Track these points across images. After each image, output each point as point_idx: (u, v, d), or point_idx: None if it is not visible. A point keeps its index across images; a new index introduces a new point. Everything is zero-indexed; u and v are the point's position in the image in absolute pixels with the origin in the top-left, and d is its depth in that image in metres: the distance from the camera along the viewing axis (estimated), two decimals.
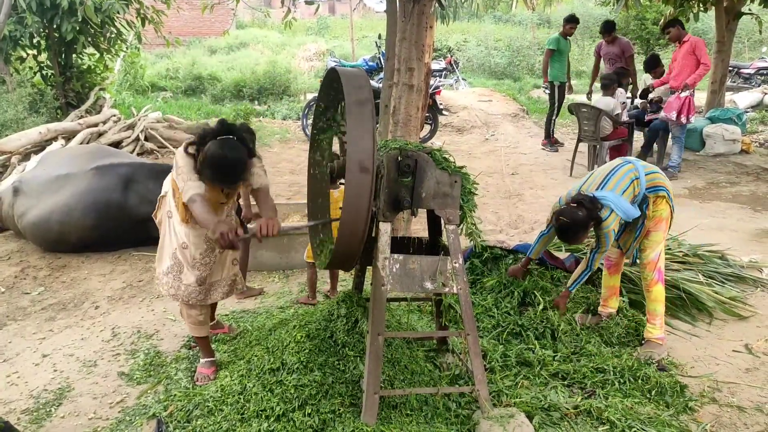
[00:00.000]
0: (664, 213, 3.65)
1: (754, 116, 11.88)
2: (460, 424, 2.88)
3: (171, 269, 3.26)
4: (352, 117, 2.46)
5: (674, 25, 8.21)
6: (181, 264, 3.25)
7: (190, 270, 3.25)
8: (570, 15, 9.76)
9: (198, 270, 3.26)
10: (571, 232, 3.52)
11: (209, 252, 3.27)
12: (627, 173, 3.58)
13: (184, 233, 3.20)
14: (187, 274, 3.25)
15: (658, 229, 3.67)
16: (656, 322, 3.70)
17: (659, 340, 3.67)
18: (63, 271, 5.16)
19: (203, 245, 3.23)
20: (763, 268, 4.92)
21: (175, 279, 3.27)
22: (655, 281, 3.70)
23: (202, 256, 3.24)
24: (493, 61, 19.37)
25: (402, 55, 4.82)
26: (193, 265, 3.24)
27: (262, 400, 2.86)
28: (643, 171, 3.61)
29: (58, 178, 5.54)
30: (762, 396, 3.31)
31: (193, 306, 3.34)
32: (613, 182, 3.55)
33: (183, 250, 3.23)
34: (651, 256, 3.69)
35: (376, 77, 11.17)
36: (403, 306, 4.09)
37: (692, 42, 7.91)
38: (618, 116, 8.04)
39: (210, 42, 22.07)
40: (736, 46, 14.92)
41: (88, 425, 3.07)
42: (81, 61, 10.28)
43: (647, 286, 3.74)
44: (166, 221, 3.27)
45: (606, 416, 3.00)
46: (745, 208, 6.89)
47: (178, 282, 3.27)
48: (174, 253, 3.25)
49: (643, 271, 3.76)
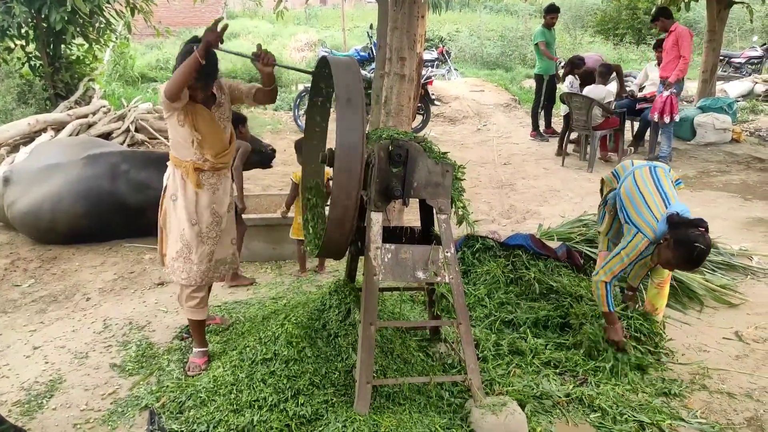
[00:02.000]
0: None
1: (744, 105, 11.93)
2: (452, 413, 2.89)
3: (180, 252, 3.29)
4: (341, 108, 2.46)
5: (659, 17, 8.23)
6: (190, 244, 3.28)
7: (198, 247, 3.29)
8: (550, 5, 9.70)
9: (206, 245, 3.32)
10: (705, 256, 3.26)
11: (215, 226, 3.34)
12: (668, 176, 3.55)
13: (194, 204, 3.26)
14: (196, 253, 3.29)
15: None
16: (658, 315, 3.76)
17: None
18: (54, 263, 5.13)
19: (210, 217, 3.31)
20: (753, 256, 4.96)
21: (186, 261, 3.30)
22: (668, 280, 3.73)
23: (208, 229, 3.31)
24: (485, 51, 19.30)
25: (393, 45, 4.80)
26: (201, 240, 3.30)
27: (255, 391, 2.86)
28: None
29: (49, 168, 5.50)
30: (752, 382, 3.34)
31: (200, 288, 3.37)
32: (671, 193, 3.45)
33: (192, 227, 3.27)
34: (665, 274, 3.68)
35: (367, 68, 11.11)
36: (395, 295, 4.10)
37: (677, 33, 7.92)
38: (609, 105, 8.05)
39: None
40: (728, 36, 14.95)
41: (80, 417, 3.06)
42: (70, 51, 10.17)
43: (661, 282, 3.72)
44: (171, 205, 3.31)
45: (597, 404, 3.03)
46: (735, 196, 6.92)
47: (189, 264, 3.30)
48: (182, 234, 3.28)
49: (661, 290, 3.73)
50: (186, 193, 3.25)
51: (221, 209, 3.36)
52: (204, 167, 3.25)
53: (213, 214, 3.32)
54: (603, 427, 2.91)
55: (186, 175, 3.24)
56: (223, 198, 3.37)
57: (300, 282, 4.69)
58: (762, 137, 9.95)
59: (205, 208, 3.29)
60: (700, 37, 11.83)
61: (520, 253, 4.26)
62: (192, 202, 3.26)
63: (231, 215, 3.50)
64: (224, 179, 3.39)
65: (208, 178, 3.29)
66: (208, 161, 3.25)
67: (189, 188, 3.25)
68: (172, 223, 3.32)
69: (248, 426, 2.70)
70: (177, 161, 3.26)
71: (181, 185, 3.26)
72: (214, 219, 3.33)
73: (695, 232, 3.14)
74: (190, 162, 3.23)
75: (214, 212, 3.32)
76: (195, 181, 3.24)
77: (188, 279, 3.32)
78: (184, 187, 3.26)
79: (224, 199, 3.38)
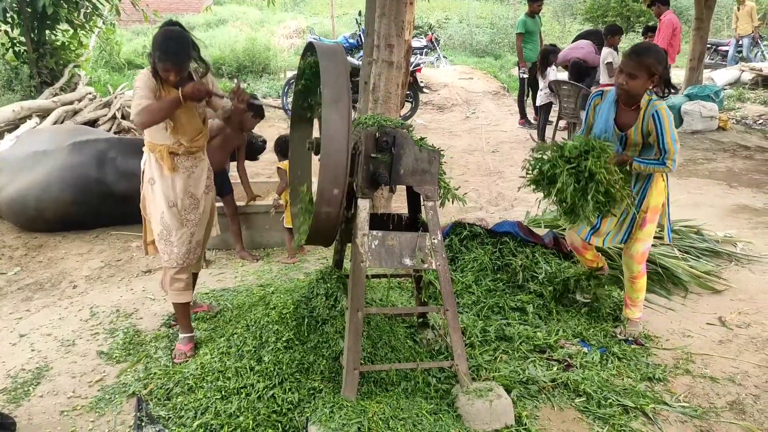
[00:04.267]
0: (661, 198, 3.47)
1: (731, 93, 12.00)
2: (439, 398, 2.91)
3: (161, 235, 3.32)
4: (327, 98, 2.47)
5: (656, 1, 8.25)
6: (170, 226, 3.30)
7: (178, 230, 3.31)
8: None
9: (186, 227, 3.34)
10: (651, 53, 3.24)
11: (193, 209, 3.36)
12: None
13: (170, 187, 3.27)
14: (176, 234, 3.31)
15: (654, 220, 3.49)
16: (637, 306, 3.68)
17: (639, 319, 3.70)
18: (40, 251, 5.10)
19: (187, 199, 3.33)
20: (737, 243, 5.01)
21: (167, 244, 3.32)
22: (641, 274, 3.60)
23: (187, 211, 3.32)
24: (474, 39, 19.25)
25: (381, 32, 4.77)
26: (181, 222, 3.32)
27: (243, 378, 2.87)
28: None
29: (36, 155, 5.46)
30: (734, 367, 3.38)
31: (183, 270, 3.38)
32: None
33: (170, 209, 3.29)
34: (642, 249, 3.53)
35: (356, 55, 11.06)
36: (383, 282, 4.10)
37: (664, 21, 7.96)
38: (610, 65, 8.05)
39: (188, 18, 21.63)
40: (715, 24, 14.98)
41: (67, 404, 3.06)
42: (55, 37, 10.03)
43: (632, 277, 3.61)
44: (149, 189, 3.32)
45: (583, 388, 3.07)
46: (721, 184, 6.98)
47: (170, 246, 3.32)
48: (161, 217, 3.29)
49: (630, 263, 3.58)
50: (163, 176, 3.28)
51: (198, 191, 3.38)
52: (178, 151, 3.27)
53: (190, 197, 3.35)
54: (588, 411, 2.95)
55: (161, 158, 3.26)
56: (198, 181, 3.39)
57: (288, 269, 4.69)
58: (748, 125, 10.02)
59: (182, 191, 3.31)
60: (689, 25, 11.87)
61: (508, 240, 4.28)
62: (169, 185, 3.28)
63: (210, 198, 3.52)
64: (200, 162, 3.41)
65: (183, 162, 3.30)
66: (182, 145, 3.27)
67: (165, 171, 3.27)
68: (151, 207, 3.35)
69: (236, 412, 2.72)
70: (152, 145, 3.28)
71: (157, 168, 3.28)
72: (192, 201, 3.36)
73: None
74: (164, 146, 3.24)
75: (191, 195, 3.35)
76: (170, 165, 3.26)
77: (169, 261, 3.35)
78: (160, 170, 3.28)
79: (200, 182, 3.40)
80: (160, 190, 3.28)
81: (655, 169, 3.32)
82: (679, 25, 8.43)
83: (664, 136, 3.26)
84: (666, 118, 3.24)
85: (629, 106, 3.37)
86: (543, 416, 2.92)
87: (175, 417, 2.82)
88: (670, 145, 3.25)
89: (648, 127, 3.30)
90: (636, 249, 3.53)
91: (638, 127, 3.33)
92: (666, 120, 3.24)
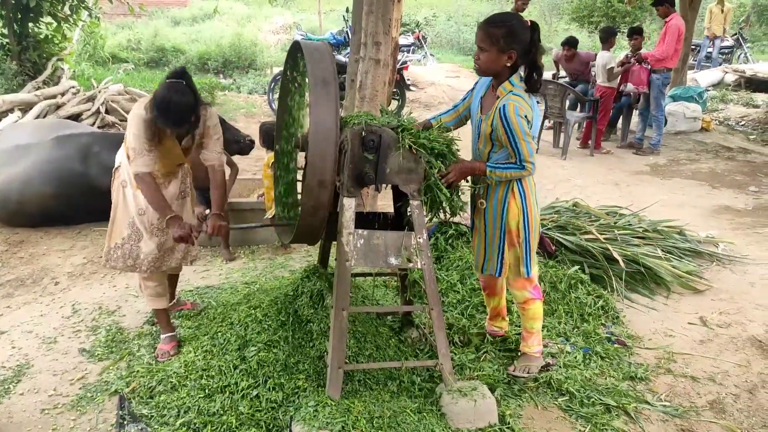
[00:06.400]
0: (515, 221, 2.96)
1: (714, 94, 12.12)
2: (423, 397, 2.92)
3: (129, 238, 3.26)
4: (315, 94, 2.46)
5: (663, 2, 8.21)
6: (140, 232, 3.25)
7: (148, 237, 3.25)
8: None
9: (156, 236, 3.27)
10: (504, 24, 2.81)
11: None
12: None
13: (142, 198, 3.20)
14: (146, 241, 3.26)
15: (515, 243, 3.01)
16: (534, 339, 3.18)
17: (537, 354, 3.19)
18: (21, 247, 5.03)
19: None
20: (719, 243, 5.07)
21: (134, 248, 3.26)
22: (531, 299, 3.11)
23: (159, 221, 3.22)
24: (462, 37, 19.28)
25: (369, 29, 4.76)
26: (152, 231, 3.26)
27: (226, 376, 2.86)
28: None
29: (18, 148, 5.39)
30: (714, 366, 3.42)
31: (151, 277, 3.33)
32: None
33: (140, 216, 3.24)
34: (521, 297, 3.13)
35: (343, 52, 11.02)
36: (368, 281, 4.10)
37: (668, 25, 7.96)
38: (611, 70, 8.10)
39: (173, 12, 21.44)
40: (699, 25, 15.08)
41: (49, 402, 3.03)
42: (38, 30, 9.91)
43: (520, 304, 3.17)
44: (120, 191, 3.27)
45: (566, 387, 3.09)
46: (703, 184, 7.06)
47: (137, 251, 3.26)
48: (131, 221, 3.25)
49: (510, 290, 3.19)
50: (134, 185, 3.22)
51: (170, 199, 3.30)
52: (155, 175, 3.20)
53: None
54: (570, 410, 2.97)
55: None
56: (171, 190, 3.35)
57: (273, 267, 4.67)
58: (731, 126, 10.13)
59: None
60: None
61: None
62: (140, 195, 3.21)
63: (186, 202, 3.46)
64: (174, 177, 3.37)
65: (156, 179, 3.22)
66: (158, 172, 3.23)
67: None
68: (119, 209, 3.29)
69: (219, 411, 2.70)
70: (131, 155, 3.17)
71: (129, 175, 3.22)
72: None
73: None
74: None
75: None
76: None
77: (134, 267, 3.29)
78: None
79: (173, 191, 3.36)
80: (132, 195, 3.23)
81: (512, 174, 2.85)
82: (684, 29, 8.40)
83: (513, 135, 2.77)
84: (513, 116, 2.73)
85: (494, 89, 2.91)
86: (526, 415, 2.94)
87: (157, 415, 2.80)
88: (523, 146, 2.77)
89: (495, 120, 2.81)
90: (511, 275, 3.11)
91: (489, 117, 2.87)
92: (513, 118, 2.73)
